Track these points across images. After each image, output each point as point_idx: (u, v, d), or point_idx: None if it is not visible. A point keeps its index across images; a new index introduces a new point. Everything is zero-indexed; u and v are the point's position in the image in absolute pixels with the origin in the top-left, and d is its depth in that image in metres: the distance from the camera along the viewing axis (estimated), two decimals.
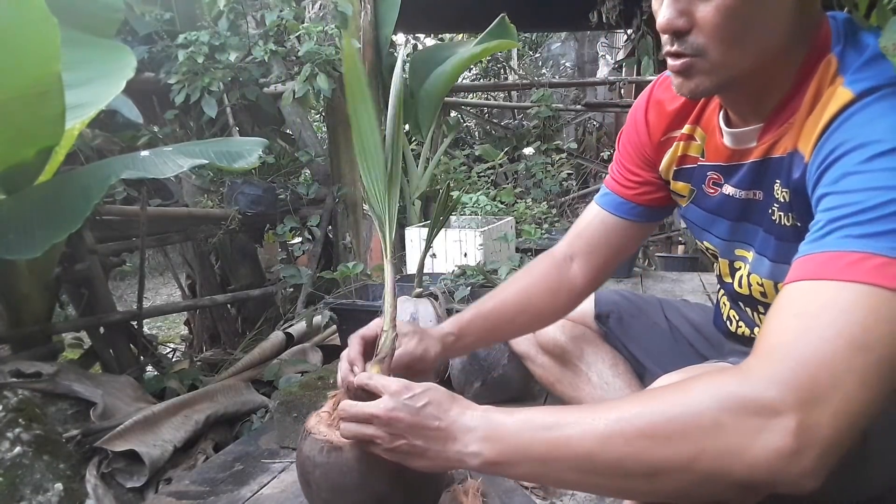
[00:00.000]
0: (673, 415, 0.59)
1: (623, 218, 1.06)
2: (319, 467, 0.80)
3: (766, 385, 0.57)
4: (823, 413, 0.55)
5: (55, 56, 1.35)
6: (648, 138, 1.01)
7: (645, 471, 0.60)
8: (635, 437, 0.60)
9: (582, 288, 1.09)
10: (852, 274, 0.59)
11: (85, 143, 2.39)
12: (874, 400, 0.56)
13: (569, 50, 9.01)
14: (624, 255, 1.11)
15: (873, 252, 0.59)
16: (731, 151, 0.88)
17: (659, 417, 0.60)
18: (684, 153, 0.97)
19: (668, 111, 0.97)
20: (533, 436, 0.64)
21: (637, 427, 0.60)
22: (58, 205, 1.50)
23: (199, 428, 1.64)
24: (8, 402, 1.35)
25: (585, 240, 1.10)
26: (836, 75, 0.74)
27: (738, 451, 0.56)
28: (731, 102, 0.85)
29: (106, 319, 2.13)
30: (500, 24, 3.64)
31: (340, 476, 0.78)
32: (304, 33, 2.83)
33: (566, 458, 0.63)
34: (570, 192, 5.26)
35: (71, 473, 1.35)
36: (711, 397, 0.59)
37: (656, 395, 0.65)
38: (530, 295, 1.07)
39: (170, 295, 5.61)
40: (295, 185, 3.19)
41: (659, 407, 0.61)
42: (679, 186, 1.00)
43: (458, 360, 1.55)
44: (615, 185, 1.07)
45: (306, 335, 2.32)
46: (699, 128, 0.94)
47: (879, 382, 0.57)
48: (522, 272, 1.11)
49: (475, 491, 1.06)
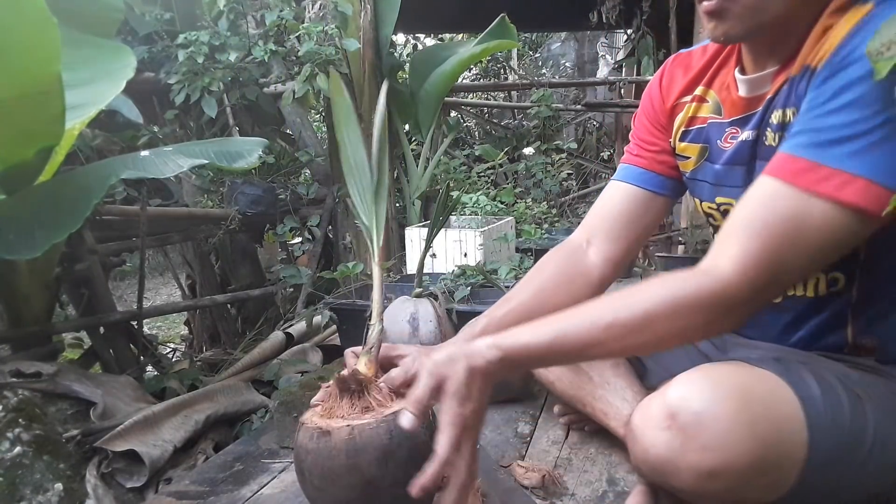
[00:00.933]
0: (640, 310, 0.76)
1: (643, 188, 1.06)
2: (310, 454, 0.80)
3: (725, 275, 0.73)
4: (752, 268, 0.72)
5: (55, 56, 1.35)
6: (662, 104, 1.04)
7: (624, 348, 0.81)
8: (612, 334, 0.77)
9: (599, 274, 1.06)
10: (794, 178, 0.72)
11: (85, 143, 2.39)
12: (785, 261, 0.72)
13: (569, 50, 9.01)
14: (642, 236, 1.10)
15: (821, 163, 0.71)
16: (747, 101, 0.90)
17: (628, 312, 0.76)
18: (694, 114, 0.99)
19: (681, 80, 1.01)
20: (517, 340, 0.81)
21: (614, 324, 0.77)
22: (58, 205, 1.50)
23: (199, 428, 1.64)
24: (8, 402, 1.35)
25: (603, 218, 1.08)
26: (849, 4, 0.75)
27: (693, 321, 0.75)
28: (753, 47, 0.88)
29: (106, 319, 2.13)
30: (500, 24, 3.63)
31: (329, 460, 0.79)
32: (304, 33, 2.83)
33: (543, 350, 0.80)
34: (570, 192, 5.26)
35: (71, 473, 1.35)
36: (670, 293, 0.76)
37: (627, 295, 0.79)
38: (545, 291, 1.04)
39: (170, 295, 5.61)
40: (295, 185, 3.19)
41: (629, 304, 0.77)
42: (684, 147, 1.02)
43: None
44: (633, 157, 1.09)
45: (306, 335, 2.32)
46: (711, 90, 0.97)
47: (789, 250, 0.72)
48: (534, 271, 1.09)
49: (475, 491, 1.06)
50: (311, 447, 0.81)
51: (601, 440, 1.30)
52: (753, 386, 0.76)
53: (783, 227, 0.72)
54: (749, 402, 0.73)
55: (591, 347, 0.78)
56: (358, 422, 0.80)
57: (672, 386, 0.76)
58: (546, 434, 1.37)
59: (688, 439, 0.72)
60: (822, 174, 0.70)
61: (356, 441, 0.78)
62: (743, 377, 0.78)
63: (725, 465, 0.71)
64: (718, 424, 0.71)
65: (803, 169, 0.71)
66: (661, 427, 0.74)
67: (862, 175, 0.69)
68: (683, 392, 0.75)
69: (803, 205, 0.71)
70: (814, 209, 0.70)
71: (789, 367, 0.82)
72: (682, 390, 0.75)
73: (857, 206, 0.69)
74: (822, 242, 0.72)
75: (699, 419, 0.72)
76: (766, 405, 0.75)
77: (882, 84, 0.67)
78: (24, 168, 1.60)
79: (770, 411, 0.74)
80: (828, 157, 0.70)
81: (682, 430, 0.72)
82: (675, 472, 0.74)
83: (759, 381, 0.78)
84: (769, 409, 0.75)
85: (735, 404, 0.72)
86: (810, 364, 0.85)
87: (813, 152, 0.71)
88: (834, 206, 0.70)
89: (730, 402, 0.72)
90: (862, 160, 0.69)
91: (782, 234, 0.72)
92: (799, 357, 0.89)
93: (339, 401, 0.85)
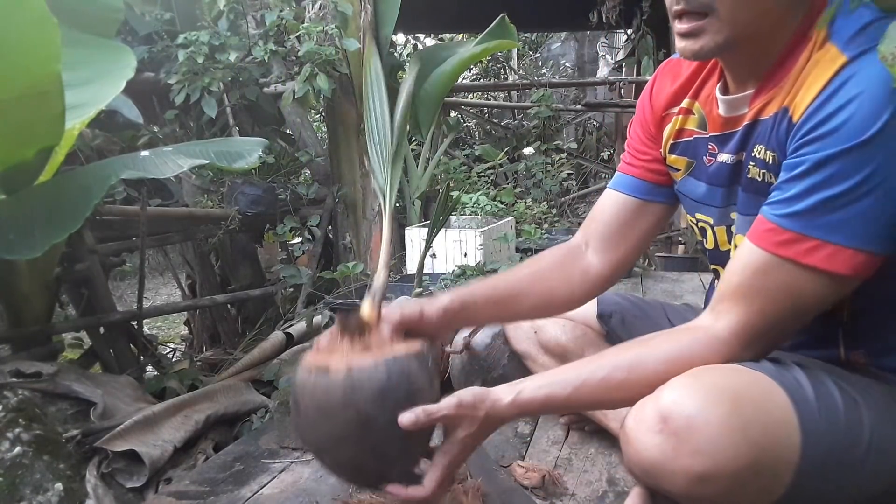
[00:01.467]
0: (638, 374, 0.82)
1: (633, 196, 1.07)
2: (307, 389, 0.80)
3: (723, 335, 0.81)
4: (751, 335, 0.80)
5: (55, 56, 1.35)
6: (652, 114, 1.04)
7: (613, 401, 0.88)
8: (604, 390, 0.83)
9: (597, 273, 1.08)
10: (784, 250, 0.76)
11: (85, 143, 2.39)
12: (776, 319, 0.79)
13: (569, 50, 9.01)
14: (640, 240, 1.10)
15: (803, 233, 0.75)
16: (725, 120, 0.91)
17: (641, 372, 0.82)
18: (682, 127, 1.00)
19: (669, 90, 1.01)
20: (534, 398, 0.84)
21: (605, 383, 0.83)
22: (58, 205, 1.50)
23: (199, 428, 1.64)
24: (8, 402, 1.35)
25: (598, 222, 1.10)
26: (825, 41, 0.77)
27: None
28: (730, 65, 0.89)
29: (106, 319, 2.13)
30: (500, 24, 3.63)
31: (326, 395, 0.78)
32: (304, 33, 2.83)
33: (558, 408, 0.95)
34: (570, 192, 5.27)
35: (71, 473, 1.35)
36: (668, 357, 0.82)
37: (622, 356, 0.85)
38: (542, 272, 1.07)
39: (170, 295, 5.61)
40: (295, 185, 3.19)
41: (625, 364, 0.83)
42: (674, 159, 1.02)
43: (457, 360, 1.55)
44: (626, 166, 1.09)
45: (306, 335, 2.32)
46: (697, 102, 0.97)
47: (783, 316, 0.80)
48: (533, 258, 1.13)
49: (475, 491, 1.06)
50: (308, 382, 0.80)
51: (601, 440, 1.30)
52: (746, 390, 0.76)
53: (779, 297, 0.78)
54: (741, 406, 0.73)
55: (602, 404, 0.93)
56: (357, 360, 0.80)
57: (665, 389, 0.76)
58: (546, 434, 1.37)
59: (680, 443, 0.72)
60: (810, 246, 0.75)
61: (354, 378, 0.78)
62: (736, 381, 0.77)
63: (717, 469, 0.71)
64: (710, 428, 0.71)
65: (791, 240, 0.76)
66: (653, 430, 0.74)
67: (847, 245, 0.73)
68: (676, 396, 0.75)
69: (796, 276, 0.76)
70: (806, 280, 0.76)
71: (784, 369, 0.82)
72: (675, 394, 0.75)
73: (847, 275, 0.74)
74: (815, 306, 0.79)
75: (691, 423, 0.72)
76: (758, 409, 0.75)
77: (860, 150, 0.71)
78: (24, 168, 1.60)
79: (763, 415, 0.74)
80: (813, 227, 0.74)
81: (675, 433, 0.72)
82: (668, 475, 0.73)
83: (753, 384, 0.78)
84: (762, 413, 0.75)
85: (727, 408, 0.72)
86: (806, 365, 0.85)
87: (799, 223, 0.75)
88: (825, 275, 0.75)
89: (722, 406, 0.72)
90: (845, 230, 0.73)
91: (779, 304, 0.78)
92: (794, 358, 0.89)
93: (341, 342, 0.86)
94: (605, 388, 0.83)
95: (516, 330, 1.32)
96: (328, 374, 0.79)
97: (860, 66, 0.72)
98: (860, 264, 0.74)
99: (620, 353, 0.86)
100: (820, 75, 0.75)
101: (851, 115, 0.71)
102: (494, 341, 1.51)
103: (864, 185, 0.72)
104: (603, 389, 0.83)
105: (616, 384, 0.82)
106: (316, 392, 0.79)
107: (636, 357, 0.84)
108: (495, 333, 1.51)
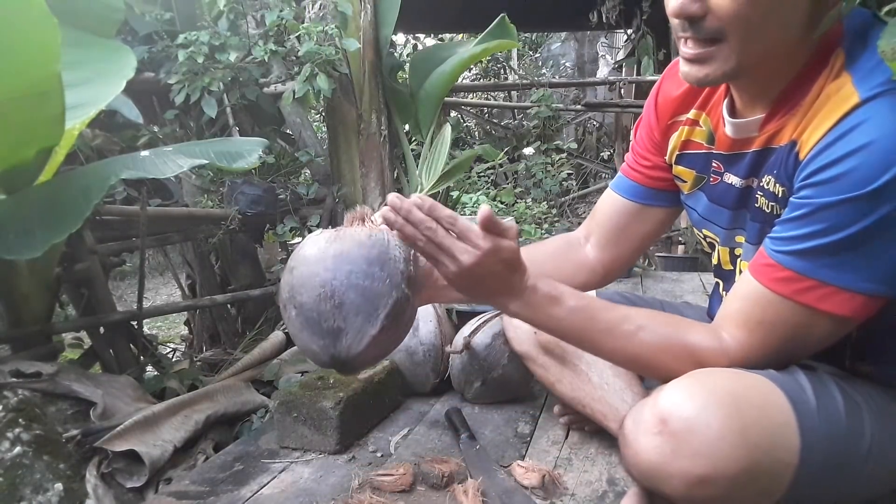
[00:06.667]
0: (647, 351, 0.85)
1: (631, 200, 1.07)
2: (302, 246, 0.89)
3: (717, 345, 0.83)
4: (756, 355, 0.82)
5: (55, 56, 1.35)
6: (657, 122, 1.03)
7: (622, 361, 0.92)
8: (619, 356, 0.89)
9: (593, 267, 1.10)
10: (782, 288, 0.78)
11: (85, 143, 2.39)
12: (772, 348, 0.82)
13: (569, 50, 9.01)
14: (640, 242, 1.11)
15: (801, 273, 0.76)
16: (733, 141, 0.89)
17: (637, 349, 0.85)
18: (688, 138, 0.99)
19: (675, 96, 0.99)
20: (552, 318, 0.87)
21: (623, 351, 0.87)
22: (58, 205, 1.50)
23: (199, 428, 1.64)
24: (8, 402, 1.35)
25: (598, 221, 1.11)
26: (841, 70, 0.74)
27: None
28: (738, 88, 0.87)
29: (106, 319, 2.13)
30: (500, 24, 3.63)
31: (313, 246, 0.87)
32: (304, 33, 2.83)
33: (570, 339, 0.90)
34: (570, 192, 5.26)
35: (71, 473, 1.35)
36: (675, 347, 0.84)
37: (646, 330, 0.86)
38: (536, 252, 1.10)
39: (170, 295, 5.61)
40: (295, 185, 3.19)
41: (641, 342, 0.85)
42: (681, 171, 1.01)
43: (457, 360, 1.55)
44: (627, 169, 1.09)
45: None
46: (704, 114, 0.96)
47: (776, 341, 0.81)
48: (533, 244, 1.16)
49: (475, 491, 1.06)
50: (304, 243, 0.90)
51: (601, 440, 1.30)
52: (745, 392, 0.76)
53: (778, 329, 0.80)
54: (741, 409, 0.73)
55: (599, 342, 0.88)
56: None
57: (664, 391, 0.77)
58: (546, 434, 1.37)
59: (679, 445, 0.72)
60: (807, 286, 0.76)
61: (339, 234, 0.87)
62: (735, 383, 0.77)
63: (716, 472, 0.71)
64: (709, 431, 0.71)
65: (789, 278, 0.77)
66: (652, 432, 0.74)
67: (845, 287, 0.74)
68: (675, 398, 0.75)
69: (794, 313, 0.78)
70: (804, 318, 0.78)
71: (786, 371, 0.82)
72: (674, 396, 0.75)
73: (845, 316, 0.76)
74: (816, 342, 0.81)
75: (690, 425, 0.72)
76: (758, 411, 0.75)
77: (864, 201, 0.70)
78: (24, 168, 1.60)
79: (762, 418, 0.75)
80: (811, 269, 0.75)
81: (673, 435, 0.73)
82: (666, 477, 0.73)
83: (752, 387, 0.78)
84: (761, 416, 0.75)
85: (726, 411, 0.72)
86: (810, 367, 0.85)
87: (797, 263, 0.76)
88: (823, 315, 0.76)
89: (721, 408, 0.73)
90: (843, 274, 0.74)
91: (779, 334, 0.80)
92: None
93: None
94: (608, 329, 0.85)
95: (516, 330, 1.32)
96: (321, 233, 0.89)
97: (874, 110, 0.70)
98: (859, 306, 0.74)
99: (645, 311, 0.89)
100: (831, 112, 0.73)
101: (858, 164, 0.69)
102: (494, 341, 1.51)
103: (865, 232, 0.71)
104: (611, 330, 0.85)
105: (627, 332, 0.85)
106: (306, 244, 0.89)
107: (653, 320, 0.87)
108: (495, 333, 1.51)
